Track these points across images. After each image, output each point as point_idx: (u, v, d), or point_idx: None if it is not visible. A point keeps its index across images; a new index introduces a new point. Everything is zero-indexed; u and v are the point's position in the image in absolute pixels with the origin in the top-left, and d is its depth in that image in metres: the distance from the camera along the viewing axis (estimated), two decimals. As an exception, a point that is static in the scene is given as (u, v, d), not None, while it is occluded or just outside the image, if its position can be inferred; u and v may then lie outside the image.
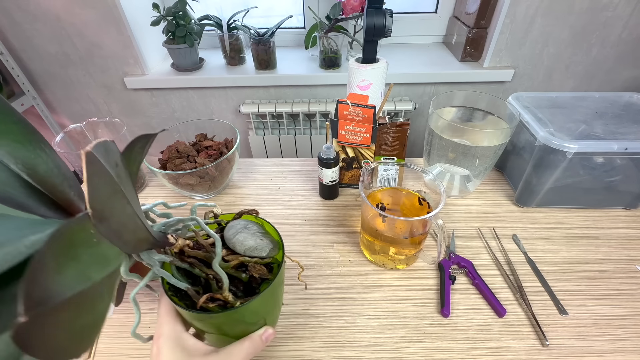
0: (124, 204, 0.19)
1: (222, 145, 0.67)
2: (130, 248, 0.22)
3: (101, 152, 0.17)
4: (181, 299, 0.32)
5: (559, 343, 0.44)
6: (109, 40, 1.06)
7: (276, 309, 0.39)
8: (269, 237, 0.37)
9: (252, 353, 0.32)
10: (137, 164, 0.25)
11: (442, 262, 0.53)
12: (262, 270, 0.33)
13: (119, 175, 0.19)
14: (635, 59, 1.08)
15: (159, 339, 0.30)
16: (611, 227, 0.60)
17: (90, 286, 0.17)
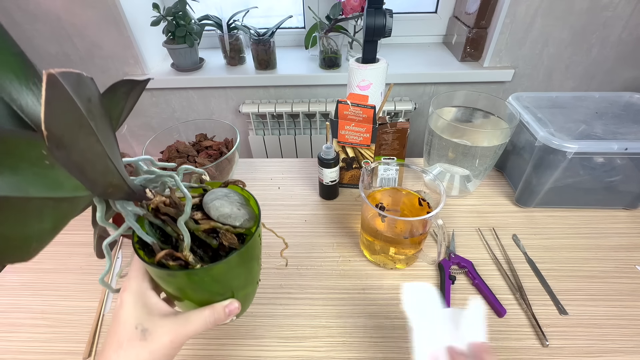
0: (93, 141, 0.19)
1: (222, 145, 0.67)
2: (100, 190, 0.22)
3: (71, 82, 0.16)
4: (149, 254, 0.32)
5: (559, 343, 0.44)
6: (109, 41, 1.06)
7: (248, 285, 0.38)
8: (248, 208, 0.36)
9: (211, 322, 0.32)
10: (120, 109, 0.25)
11: (442, 262, 0.53)
12: (232, 239, 0.32)
13: (91, 111, 0.18)
14: (635, 59, 1.08)
15: (124, 292, 0.31)
16: (611, 227, 0.60)
17: (23, 197, 0.17)
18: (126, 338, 0.29)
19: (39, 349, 0.45)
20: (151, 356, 0.29)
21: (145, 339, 0.29)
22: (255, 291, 0.42)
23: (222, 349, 0.44)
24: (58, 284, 0.53)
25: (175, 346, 0.30)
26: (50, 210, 0.20)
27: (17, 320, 0.48)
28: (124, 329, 0.29)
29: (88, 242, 0.60)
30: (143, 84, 0.25)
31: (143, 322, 0.30)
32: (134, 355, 0.28)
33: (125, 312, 0.30)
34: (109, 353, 0.29)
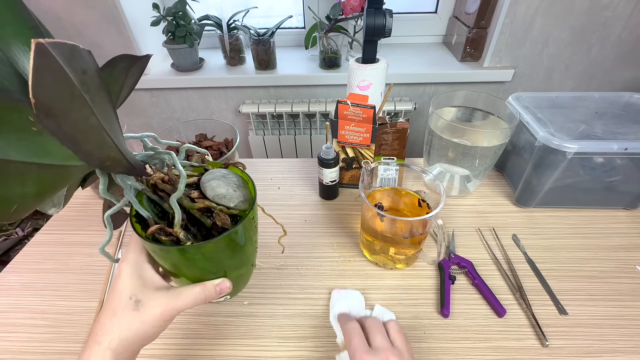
0: (87, 113, 0.19)
1: (222, 145, 0.67)
2: (96, 161, 0.23)
3: (63, 52, 0.16)
4: (145, 228, 0.32)
5: (559, 343, 0.44)
6: (109, 40, 1.06)
7: (241, 266, 0.38)
8: (244, 190, 0.36)
9: (201, 299, 0.33)
10: (120, 84, 0.25)
11: (442, 262, 0.53)
12: (225, 219, 0.33)
13: (85, 83, 0.18)
14: (635, 59, 1.08)
15: (122, 263, 0.33)
16: (611, 227, 0.60)
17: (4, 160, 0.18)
18: (120, 307, 0.31)
19: (39, 349, 0.45)
20: (142, 326, 0.30)
21: (138, 310, 0.31)
22: (250, 273, 0.43)
23: (222, 348, 0.44)
24: (58, 284, 0.53)
25: (165, 319, 0.31)
26: (34, 175, 0.20)
27: (17, 320, 0.48)
28: (119, 299, 0.31)
29: (88, 242, 0.60)
30: (143, 60, 0.26)
31: (137, 293, 0.31)
32: (126, 323, 0.30)
33: (121, 283, 0.32)
34: (103, 320, 0.30)
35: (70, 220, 0.64)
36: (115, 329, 0.30)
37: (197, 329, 0.47)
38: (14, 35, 0.20)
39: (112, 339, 0.29)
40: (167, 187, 0.32)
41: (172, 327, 0.47)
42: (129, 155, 0.26)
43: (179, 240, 0.31)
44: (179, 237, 0.31)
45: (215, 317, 0.48)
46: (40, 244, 0.60)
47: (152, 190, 0.32)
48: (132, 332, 0.30)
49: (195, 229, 0.34)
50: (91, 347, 0.29)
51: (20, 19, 0.20)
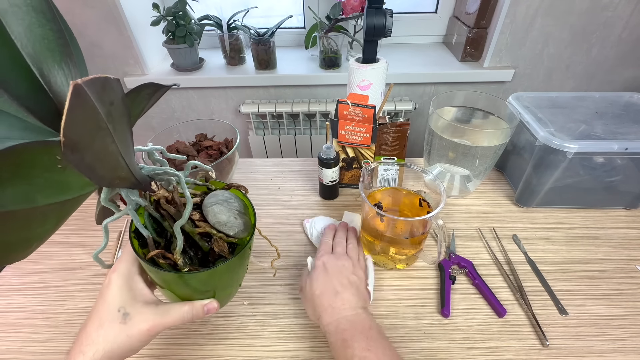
0: (108, 142, 0.19)
1: (222, 145, 0.67)
2: (106, 183, 0.23)
3: (96, 87, 0.16)
4: (143, 244, 0.33)
5: (559, 343, 0.44)
6: (109, 40, 1.06)
7: (229, 287, 0.39)
8: (245, 218, 0.36)
9: (188, 318, 0.33)
10: (141, 109, 0.26)
11: (442, 262, 0.53)
12: (223, 247, 0.33)
13: (111, 114, 0.18)
14: (636, 59, 1.08)
15: (113, 273, 0.33)
16: (611, 227, 0.60)
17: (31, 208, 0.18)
18: (108, 319, 0.31)
19: (39, 349, 0.45)
20: (128, 340, 0.30)
21: (125, 323, 0.31)
22: (236, 291, 0.43)
23: (222, 348, 0.44)
24: (58, 284, 0.53)
25: (151, 334, 0.32)
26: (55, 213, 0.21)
27: (17, 320, 0.48)
28: (107, 309, 0.31)
29: (88, 242, 0.60)
30: (166, 88, 0.26)
31: (126, 306, 0.31)
32: (112, 336, 0.30)
33: (110, 293, 0.32)
34: (90, 330, 0.30)
35: (70, 220, 0.63)
36: (101, 341, 0.30)
37: (197, 329, 0.47)
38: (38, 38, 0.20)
39: (97, 350, 0.29)
40: (171, 209, 0.32)
41: (172, 326, 0.47)
42: (136, 172, 0.26)
43: (176, 264, 0.31)
44: (177, 263, 0.31)
45: (215, 317, 0.48)
46: (40, 244, 0.60)
47: (154, 207, 0.32)
48: (117, 344, 0.30)
49: (192, 251, 0.34)
50: (75, 356, 0.29)
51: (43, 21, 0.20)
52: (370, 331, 0.38)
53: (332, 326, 0.39)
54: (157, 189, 0.30)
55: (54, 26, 0.20)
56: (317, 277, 0.44)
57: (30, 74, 0.20)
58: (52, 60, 0.20)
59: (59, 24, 0.21)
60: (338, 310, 0.40)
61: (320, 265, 0.45)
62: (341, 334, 0.38)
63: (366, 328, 0.38)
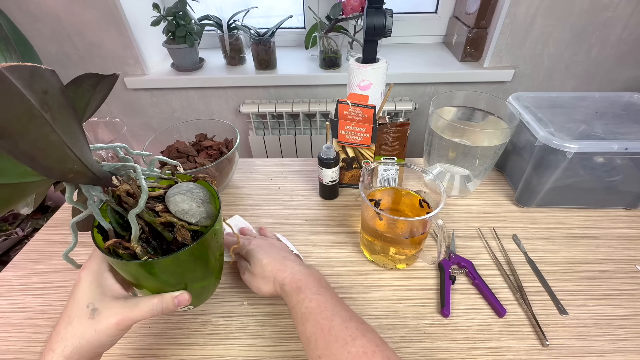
0: (47, 131, 0.20)
1: (222, 145, 0.67)
2: (57, 175, 0.23)
3: (23, 74, 0.17)
4: (106, 238, 0.33)
5: (559, 343, 0.44)
6: (109, 40, 1.06)
7: (202, 280, 0.39)
8: (209, 206, 0.36)
9: (158, 310, 0.33)
10: (87, 100, 0.26)
11: (442, 262, 0.53)
12: (186, 235, 0.33)
13: (46, 102, 0.19)
14: (636, 59, 1.08)
15: (83, 270, 0.34)
16: (611, 227, 0.60)
17: None
18: (76, 315, 0.31)
19: (39, 349, 0.45)
20: (97, 334, 0.31)
21: (94, 318, 0.31)
22: (215, 285, 0.44)
23: (222, 348, 0.44)
24: (58, 284, 0.53)
25: (120, 328, 0.32)
26: None
27: (17, 320, 0.48)
28: (76, 306, 0.32)
29: (88, 242, 0.60)
30: (110, 79, 0.26)
31: (95, 301, 0.32)
32: (80, 331, 0.30)
33: (79, 290, 0.32)
34: (59, 328, 0.31)
35: (69, 220, 0.64)
36: (70, 337, 0.30)
37: (197, 329, 0.47)
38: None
39: (65, 346, 0.30)
40: (130, 201, 0.32)
41: (172, 327, 0.47)
42: (94, 167, 0.26)
43: (136, 254, 0.31)
44: (136, 252, 0.31)
45: (215, 317, 0.48)
46: (40, 243, 0.60)
47: (117, 202, 0.32)
48: (86, 340, 0.30)
49: (156, 243, 0.35)
50: (46, 354, 0.30)
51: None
52: (321, 281, 0.42)
53: (287, 278, 0.42)
54: (120, 183, 0.31)
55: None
56: (259, 252, 0.47)
57: None
58: None
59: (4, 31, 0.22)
60: (290, 267, 0.44)
61: (255, 245, 0.48)
62: (296, 282, 0.41)
63: (317, 278, 0.42)
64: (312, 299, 0.39)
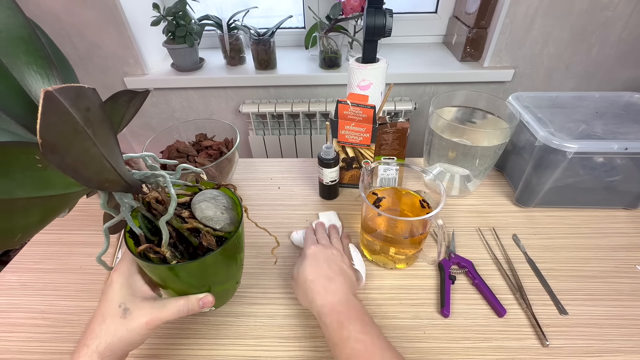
0: (88, 145, 0.21)
1: (222, 145, 0.67)
2: (95, 184, 0.25)
3: (69, 93, 0.18)
4: (138, 243, 0.35)
5: (559, 343, 0.44)
6: (109, 41, 1.06)
7: (225, 283, 0.41)
8: (232, 213, 0.38)
9: (184, 311, 0.35)
10: (122, 115, 0.28)
11: (442, 262, 0.53)
12: (211, 240, 0.35)
13: (89, 119, 0.20)
14: (636, 59, 1.08)
15: (115, 272, 0.35)
16: (611, 227, 0.60)
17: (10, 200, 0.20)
18: (109, 314, 0.33)
19: (39, 349, 0.45)
20: (128, 333, 0.33)
21: (125, 317, 0.33)
22: (235, 289, 0.46)
23: (222, 348, 0.44)
24: (58, 284, 0.53)
25: (150, 327, 0.33)
26: (38, 207, 0.23)
27: (17, 320, 0.48)
28: (109, 306, 0.34)
29: (88, 242, 0.60)
30: (142, 95, 0.29)
31: (126, 301, 0.34)
32: (113, 329, 0.32)
33: (112, 291, 0.34)
34: (93, 325, 0.33)
35: (70, 220, 0.64)
36: (103, 334, 0.32)
37: (197, 329, 0.47)
38: (28, 64, 0.23)
39: (99, 343, 0.32)
40: (160, 208, 0.34)
41: (172, 327, 0.47)
42: (126, 175, 0.28)
43: (166, 258, 0.33)
44: (166, 256, 0.33)
45: (215, 317, 0.48)
46: (40, 243, 0.60)
47: (147, 208, 0.34)
48: (118, 337, 0.32)
49: (183, 247, 0.36)
50: (80, 349, 0.32)
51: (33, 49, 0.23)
52: (364, 316, 0.39)
53: (326, 308, 0.40)
54: (149, 191, 0.33)
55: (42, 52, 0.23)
56: (309, 265, 0.45)
57: (26, 97, 0.23)
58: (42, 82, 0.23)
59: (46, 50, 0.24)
60: (332, 293, 0.41)
61: (311, 254, 0.47)
62: (337, 315, 0.39)
63: (360, 313, 0.40)
64: (359, 340, 0.36)
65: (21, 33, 0.23)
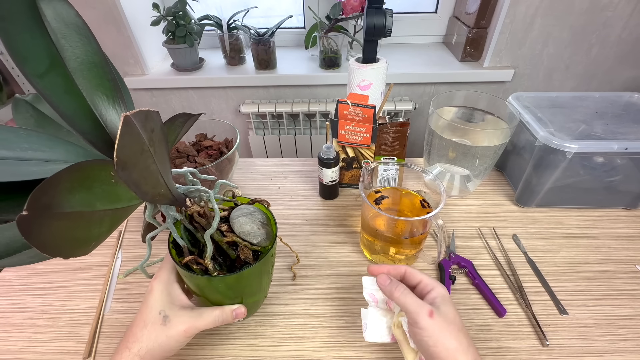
0: (150, 162, 0.23)
1: (222, 145, 0.67)
2: (149, 198, 0.26)
3: (141, 117, 0.21)
4: (179, 253, 0.37)
5: (559, 343, 0.44)
6: (109, 40, 1.06)
7: (256, 295, 0.43)
8: (267, 228, 0.40)
9: (219, 321, 0.37)
10: (176, 134, 0.31)
11: (442, 262, 0.53)
12: (248, 254, 0.37)
13: (152, 139, 0.23)
14: (635, 59, 1.08)
15: (155, 280, 0.37)
16: (611, 227, 0.60)
17: (91, 212, 0.22)
18: (151, 320, 0.35)
19: (39, 349, 0.45)
20: (167, 340, 0.34)
21: (165, 325, 0.35)
22: (263, 300, 0.47)
23: (222, 349, 0.44)
24: (58, 284, 0.53)
25: (188, 335, 0.35)
26: (109, 219, 0.25)
27: (17, 320, 0.48)
28: (150, 312, 0.35)
29: (88, 242, 0.60)
30: (196, 117, 0.32)
31: (166, 309, 0.35)
32: (154, 335, 0.34)
33: (153, 298, 0.36)
34: (135, 330, 0.35)
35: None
36: (145, 339, 0.34)
37: (197, 328, 0.47)
38: (97, 87, 0.26)
39: (141, 347, 0.33)
40: (202, 221, 0.36)
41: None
42: (174, 190, 0.30)
43: (206, 269, 0.35)
44: (208, 268, 0.35)
45: (215, 317, 0.48)
46: (40, 243, 0.60)
47: (189, 221, 0.36)
48: (158, 343, 0.34)
49: (221, 259, 0.39)
50: (122, 351, 0.34)
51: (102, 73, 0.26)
52: None
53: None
54: (191, 204, 0.35)
55: (109, 76, 0.26)
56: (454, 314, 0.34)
57: (92, 115, 0.26)
58: (107, 103, 0.26)
59: (113, 74, 0.27)
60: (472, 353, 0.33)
61: (447, 298, 0.35)
62: None
63: None
64: None
65: (94, 59, 0.25)
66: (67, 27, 0.24)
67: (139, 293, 0.51)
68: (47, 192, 0.18)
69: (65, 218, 0.20)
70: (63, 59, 0.24)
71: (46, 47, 0.23)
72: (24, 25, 0.22)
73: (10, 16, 0.22)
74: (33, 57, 0.23)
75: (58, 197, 0.19)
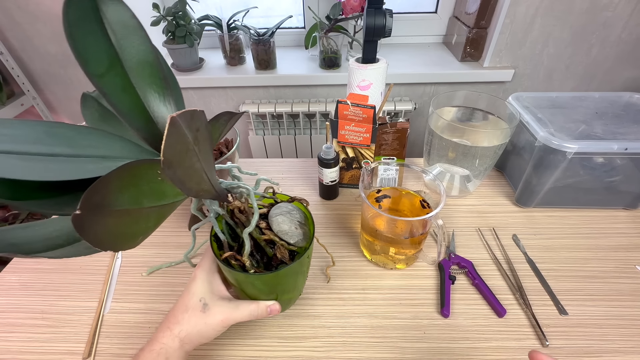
0: (194, 161, 0.24)
1: (222, 145, 0.67)
2: (193, 194, 0.27)
3: (187, 117, 0.21)
4: (219, 246, 0.39)
5: (559, 343, 0.44)
6: (109, 40, 1.06)
7: (291, 293, 0.44)
8: (305, 228, 0.40)
9: (254, 315, 0.38)
10: (220, 132, 0.32)
11: (442, 262, 0.53)
12: (284, 253, 0.38)
13: (197, 139, 0.23)
14: (635, 59, 1.08)
15: (198, 269, 0.39)
16: (611, 227, 0.60)
17: (139, 209, 0.24)
18: (191, 306, 0.36)
19: (39, 349, 0.45)
20: (206, 327, 0.36)
21: (204, 312, 0.36)
22: (296, 298, 0.48)
23: (222, 349, 0.44)
24: (58, 284, 0.53)
25: (224, 325, 0.37)
26: (155, 214, 0.26)
27: (17, 320, 0.48)
28: (191, 298, 0.37)
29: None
30: (238, 115, 0.33)
31: (206, 297, 0.37)
32: (193, 322, 0.36)
33: (195, 285, 0.37)
34: (176, 313, 0.36)
35: (70, 220, 0.64)
36: (185, 323, 0.35)
37: (197, 329, 0.47)
38: (150, 84, 0.27)
39: (181, 330, 0.35)
40: (242, 218, 0.37)
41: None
42: (216, 185, 0.31)
43: (244, 266, 0.36)
44: (246, 265, 0.36)
45: (215, 317, 0.48)
46: (40, 244, 0.60)
47: (230, 216, 0.37)
48: (197, 329, 0.35)
49: (258, 255, 0.40)
50: (163, 331, 0.35)
51: (155, 71, 0.27)
52: None
53: None
54: (233, 200, 0.36)
55: (160, 74, 0.27)
56: None
57: (145, 112, 0.27)
58: (158, 100, 0.28)
59: (164, 72, 0.28)
60: None
61: None
62: None
63: None
64: None
65: (148, 58, 0.27)
66: (126, 29, 0.26)
67: (139, 293, 0.51)
68: (99, 192, 0.20)
69: (115, 215, 0.21)
70: (121, 59, 0.25)
71: (106, 49, 0.25)
72: (89, 29, 0.24)
73: (77, 21, 0.23)
74: (94, 58, 0.24)
75: (108, 197, 0.20)
